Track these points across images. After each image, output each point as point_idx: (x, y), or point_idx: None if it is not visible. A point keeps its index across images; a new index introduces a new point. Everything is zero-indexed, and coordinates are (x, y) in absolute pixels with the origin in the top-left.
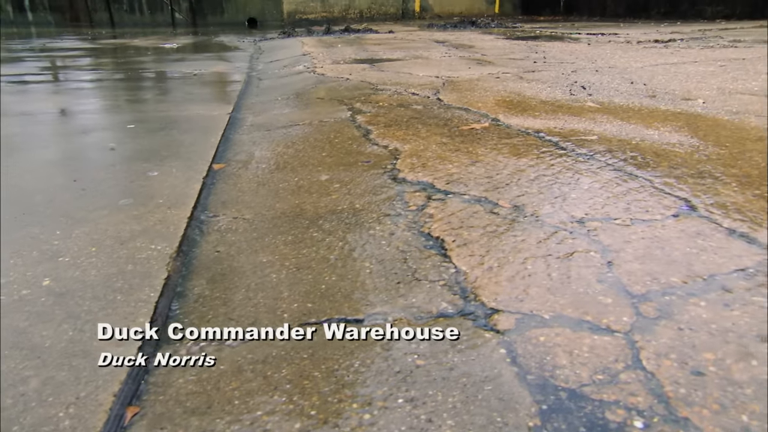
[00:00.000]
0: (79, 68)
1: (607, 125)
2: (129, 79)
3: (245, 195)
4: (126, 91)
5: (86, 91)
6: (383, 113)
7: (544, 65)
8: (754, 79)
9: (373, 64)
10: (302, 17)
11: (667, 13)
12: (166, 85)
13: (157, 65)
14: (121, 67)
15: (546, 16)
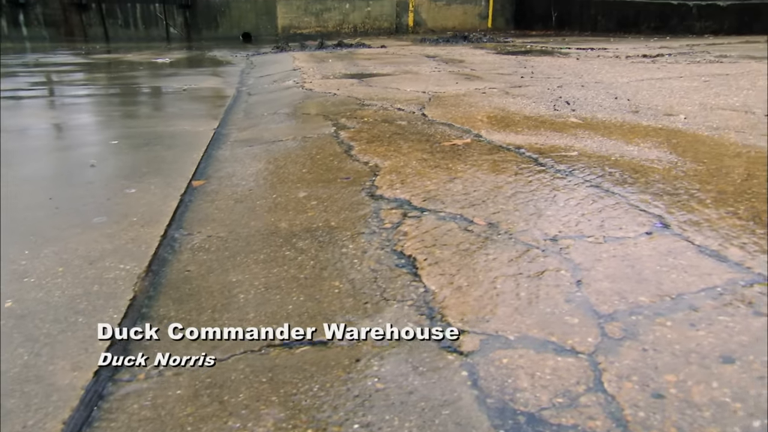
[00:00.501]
0: (69, 83)
1: (587, 141)
2: (118, 95)
3: (222, 212)
4: (114, 106)
5: (74, 106)
6: (367, 129)
7: (531, 80)
8: (736, 95)
9: (361, 79)
10: (297, 32)
11: (657, 28)
12: (154, 100)
13: (148, 80)
14: (111, 82)
15: (538, 30)
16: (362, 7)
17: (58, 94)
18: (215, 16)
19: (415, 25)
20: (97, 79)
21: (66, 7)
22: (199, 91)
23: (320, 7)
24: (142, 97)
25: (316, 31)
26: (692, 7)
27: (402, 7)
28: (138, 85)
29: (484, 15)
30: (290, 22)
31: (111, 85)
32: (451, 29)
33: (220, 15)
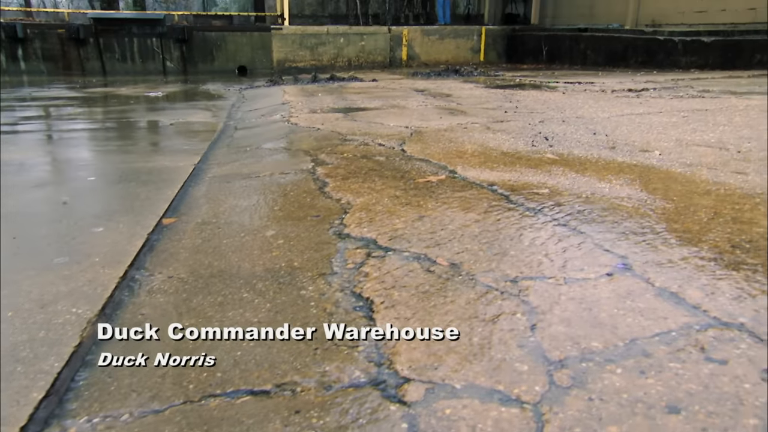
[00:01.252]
0: (57, 118)
1: (561, 178)
2: (104, 129)
3: (187, 252)
4: (98, 141)
5: (58, 141)
6: (344, 165)
7: (514, 115)
8: (712, 131)
9: (348, 113)
10: (292, 65)
11: (645, 63)
12: (140, 135)
13: (137, 114)
14: (100, 116)
15: (529, 64)
16: (356, 41)
17: (44, 129)
18: (211, 50)
19: (409, 59)
20: (87, 113)
21: (64, 41)
22: (187, 125)
23: (315, 42)
24: (128, 131)
25: (311, 65)
26: (678, 43)
27: (395, 42)
28: (126, 120)
29: (477, 49)
30: (285, 55)
31: (99, 119)
32: (444, 63)
33: (216, 49)
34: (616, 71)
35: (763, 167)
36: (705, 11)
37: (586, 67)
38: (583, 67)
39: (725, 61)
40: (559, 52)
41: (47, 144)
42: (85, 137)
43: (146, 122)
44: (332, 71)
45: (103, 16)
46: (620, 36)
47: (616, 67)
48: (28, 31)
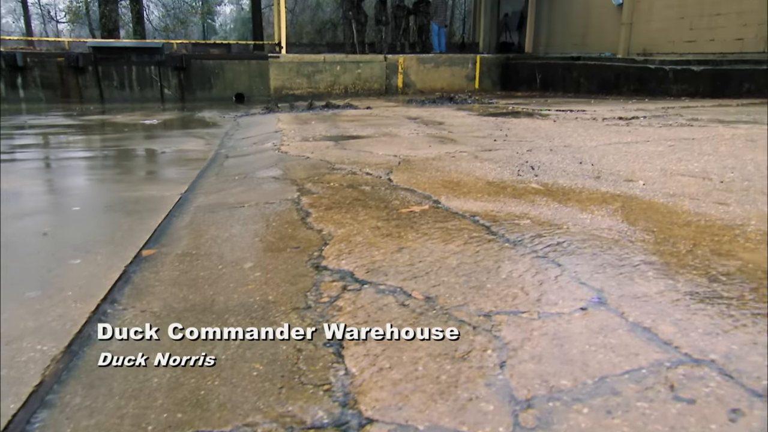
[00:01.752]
0: (50, 146)
1: (543, 208)
2: (95, 158)
3: (163, 285)
4: (88, 170)
5: (48, 170)
6: (329, 194)
7: (503, 143)
8: (697, 160)
9: (338, 141)
10: (289, 93)
11: (637, 90)
12: (130, 163)
13: (130, 143)
14: (92, 144)
15: (523, 91)
16: (353, 69)
17: (35, 158)
18: (209, 78)
19: (405, 87)
20: (80, 142)
21: (63, 70)
22: (178, 153)
23: (312, 69)
24: (119, 160)
25: (308, 92)
26: (669, 71)
27: (391, 70)
28: (118, 148)
29: (471, 77)
30: (282, 83)
31: (92, 148)
32: (439, 90)
33: (213, 77)
34: (608, 99)
35: (745, 198)
36: (694, 41)
37: (579, 94)
38: (576, 95)
39: (715, 90)
40: (552, 80)
41: (37, 173)
42: (75, 166)
43: (138, 150)
44: (328, 98)
45: (102, 45)
46: (612, 64)
47: (608, 95)
48: (27, 60)
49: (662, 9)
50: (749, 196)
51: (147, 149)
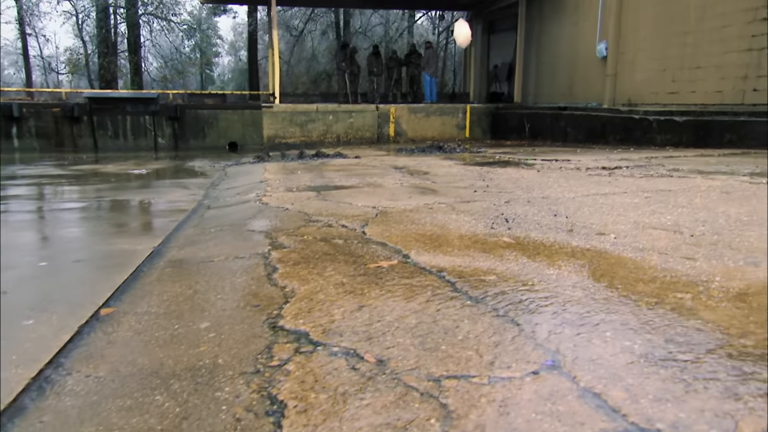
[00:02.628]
0: (32, 197)
1: (511, 263)
2: (75, 210)
3: (114, 347)
4: (65, 222)
5: (24, 223)
6: (300, 249)
7: (482, 195)
8: (671, 213)
9: (321, 192)
10: (282, 141)
11: (623, 140)
12: (109, 215)
13: (114, 193)
14: (75, 195)
15: (513, 140)
16: (345, 118)
17: (14, 209)
18: (203, 127)
19: (396, 135)
20: (64, 193)
21: (58, 120)
22: (160, 204)
23: (304, 119)
24: (99, 212)
25: (301, 141)
26: (653, 121)
27: (383, 119)
28: (100, 199)
29: (462, 126)
30: (275, 132)
31: (74, 199)
32: (430, 139)
33: (207, 126)
34: (594, 148)
35: (712, 252)
36: (677, 92)
37: (567, 143)
38: (564, 144)
39: (698, 140)
40: (541, 129)
41: (13, 225)
42: (53, 218)
43: (120, 202)
44: (321, 147)
45: (98, 96)
46: (598, 114)
47: (595, 144)
48: (23, 111)
49: (645, 61)
50: (717, 250)
51: (130, 200)
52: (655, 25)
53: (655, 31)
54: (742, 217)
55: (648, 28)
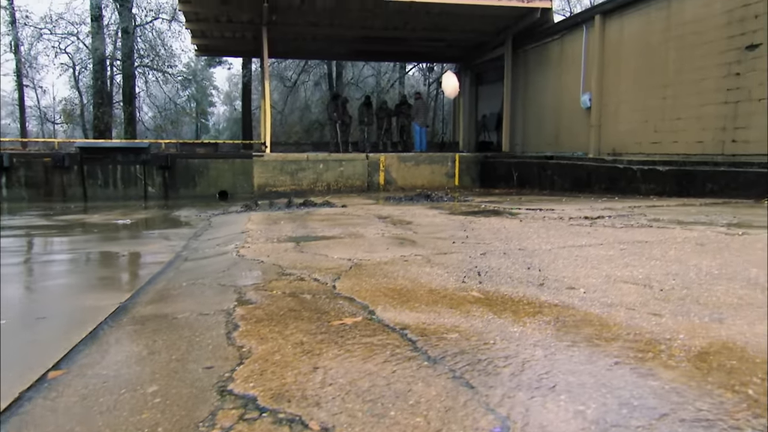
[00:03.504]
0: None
1: (476, 320)
2: (49, 263)
3: (54, 414)
4: (36, 276)
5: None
6: (266, 304)
7: (461, 246)
8: (643, 266)
9: (300, 243)
10: (272, 190)
11: (608, 189)
12: (83, 268)
13: (93, 245)
14: (54, 247)
15: (501, 189)
16: (335, 167)
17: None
18: (193, 176)
19: (386, 184)
20: (43, 244)
21: (48, 169)
22: (137, 256)
23: (295, 168)
24: (73, 265)
25: (291, 189)
26: (636, 171)
27: (373, 167)
28: (77, 251)
29: (451, 174)
30: (266, 180)
31: (51, 251)
32: (420, 187)
33: (198, 175)
34: (580, 197)
35: (680, 308)
36: (659, 142)
37: (553, 192)
38: (551, 193)
39: (681, 189)
40: (528, 177)
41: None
42: (27, 271)
43: (98, 253)
44: (311, 195)
45: (89, 145)
46: (584, 164)
47: (581, 193)
48: (14, 161)
49: (627, 112)
50: (684, 306)
51: (108, 252)
52: (636, 78)
53: (636, 83)
54: (713, 270)
55: (629, 81)
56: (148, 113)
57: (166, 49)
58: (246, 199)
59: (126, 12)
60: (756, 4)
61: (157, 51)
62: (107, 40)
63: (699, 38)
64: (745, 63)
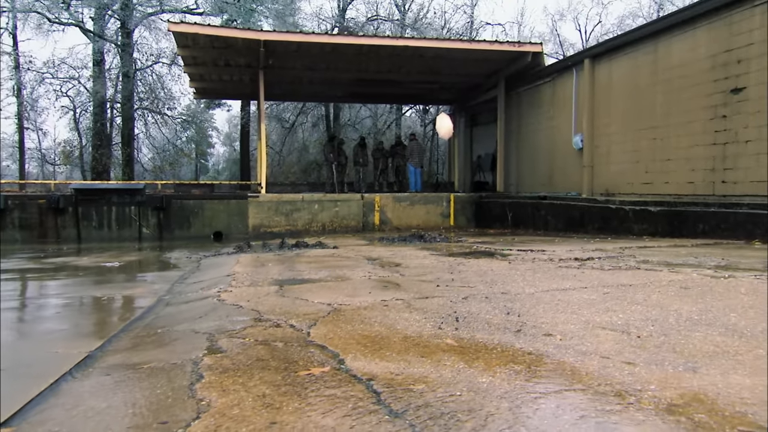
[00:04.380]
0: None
1: (446, 370)
2: (26, 308)
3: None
4: (9, 322)
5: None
6: (236, 353)
7: (444, 290)
8: (624, 311)
9: (283, 286)
10: (267, 230)
11: (601, 229)
12: (58, 314)
13: (75, 289)
14: (34, 291)
15: (496, 228)
16: (330, 207)
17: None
18: (188, 217)
19: (381, 224)
20: (25, 288)
21: (43, 211)
22: (117, 301)
23: (290, 208)
24: (50, 310)
25: (286, 230)
26: (629, 211)
27: (368, 208)
28: (59, 296)
29: (446, 214)
30: (261, 221)
31: (32, 296)
32: (415, 227)
33: (193, 216)
34: (573, 237)
35: (654, 356)
36: (651, 183)
37: (548, 232)
38: (545, 233)
39: (673, 230)
40: (522, 217)
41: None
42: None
43: (78, 298)
44: (306, 236)
45: (84, 187)
46: (577, 204)
47: (575, 233)
48: (9, 202)
49: (618, 153)
50: (659, 354)
51: (89, 297)
52: (626, 119)
53: (626, 125)
54: (694, 315)
55: (619, 122)
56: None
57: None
58: (241, 240)
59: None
60: (738, 49)
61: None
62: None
63: (686, 81)
64: (731, 106)
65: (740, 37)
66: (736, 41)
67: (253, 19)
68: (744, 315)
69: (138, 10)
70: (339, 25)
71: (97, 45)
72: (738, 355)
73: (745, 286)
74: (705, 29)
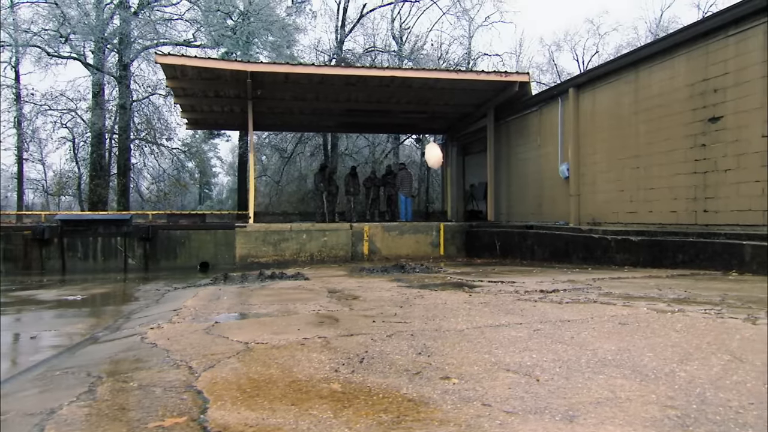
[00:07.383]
0: None
1: (306, 420)
2: None
3: None
4: None
5: None
6: (104, 400)
7: (380, 325)
8: (540, 351)
9: (216, 324)
10: (254, 261)
11: (585, 258)
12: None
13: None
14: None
15: (484, 258)
16: (319, 237)
17: None
18: (174, 248)
19: (370, 253)
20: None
21: (28, 242)
22: (45, 339)
23: (278, 238)
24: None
25: (273, 260)
26: (611, 241)
27: (357, 237)
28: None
29: (436, 243)
30: (248, 251)
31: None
32: (404, 257)
33: (179, 246)
34: (555, 267)
35: (541, 403)
36: (635, 212)
37: (534, 261)
38: (530, 262)
39: (654, 259)
40: (510, 247)
41: None
42: None
43: (11, 336)
44: (293, 266)
45: (70, 218)
46: (561, 234)
47: (559, 263)
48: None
49: (603, 183)
50: (547, 401)
51: (23, 333)
52: (610, 149)
53: (610, 153)
54: (609, 356)
55: (603, 152)
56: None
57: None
58: (227, 270)
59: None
60: (715, 78)
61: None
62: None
63: (666, 110)
64: (710, 135)
65: (716, 67)
66: (712, 70)
67: (251, 52)
68: (660, 354)
69: (138, 42)
70: (336, 57)
71: (95, 77)
72: (627, 401)
73: (684, 322)
74: (683, 58)
